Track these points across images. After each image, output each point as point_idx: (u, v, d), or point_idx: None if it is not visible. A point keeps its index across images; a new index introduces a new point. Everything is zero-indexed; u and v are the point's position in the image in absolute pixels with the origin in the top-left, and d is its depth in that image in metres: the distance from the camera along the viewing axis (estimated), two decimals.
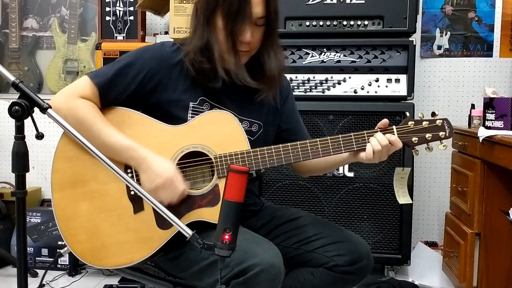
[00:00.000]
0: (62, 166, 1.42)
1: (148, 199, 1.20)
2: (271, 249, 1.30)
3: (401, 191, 1.57)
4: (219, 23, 1.38)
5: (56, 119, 1.17)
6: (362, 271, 1.46)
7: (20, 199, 1.18)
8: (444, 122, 1.41)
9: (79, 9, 3.16)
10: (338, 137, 1.41)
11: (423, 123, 1.41)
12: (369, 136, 1.40)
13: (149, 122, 1.43)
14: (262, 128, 1.53)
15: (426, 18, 2.92)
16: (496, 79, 2.89)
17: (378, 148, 1.37)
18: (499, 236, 2.23)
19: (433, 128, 1.41)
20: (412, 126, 1.41)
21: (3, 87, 3.27)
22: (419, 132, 1.41)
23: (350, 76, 2.48)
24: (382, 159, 1.40)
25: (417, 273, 2.67)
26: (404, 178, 1.58)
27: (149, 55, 1.44)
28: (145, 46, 1.49)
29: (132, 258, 1.38)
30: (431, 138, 1.41)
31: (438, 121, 1.41)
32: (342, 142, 1.40)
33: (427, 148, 1.44)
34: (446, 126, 1.41)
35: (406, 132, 1.41)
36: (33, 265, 2.83)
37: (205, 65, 1.41)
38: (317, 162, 1.55)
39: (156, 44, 1.49)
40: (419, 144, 1.42)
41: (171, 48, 1.46)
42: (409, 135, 1.41)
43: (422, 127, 1.41)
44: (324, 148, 1.40)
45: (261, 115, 1.54)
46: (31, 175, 3.21)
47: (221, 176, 1.38)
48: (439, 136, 1.41)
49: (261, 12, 1.37)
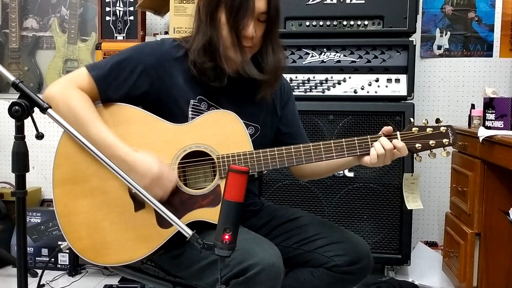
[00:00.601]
0: (63, 162, 1.42)
1: (148, 199, 1.20)
2: (271, 249, 1.30)
3: (411, 196, 1.57)
4: (222, 19, 1.38)
5: (56, 119, 1.17)
6: (362, 271, 1.46)
7: (20, 199, 1.18)
8: (448, 129, 1.42)
9: (79, 9, 3.16)
10: (341, 141, 1.41)
11: (427, 130, 1.42)
12: (372, 141, 1.40)
13: (152, 120, 1.43)
14: (259, 130, 1.53)
15: (426, 18, 2.92)
16: (496, 79, 2.89)
17: (382, 152, 1.37)
18: (499, 236, 2.23)
19: (437, 135, 1.41)
20: (416, 132, 1.41)
21: (3, 87, 3.27)
22: (423, 138, 1.41)
23: (350, 76, 2.48)
24: (386, 163, 1.40)
25: (417, 273, 2.67)
26: (414, 183, 1.58)
27: (148, 51, 1.44)
28: (145, 42, 1.49)
29: (132, 256, 1.38)
30: (434, 144, 1.41)
31: (442, 128, 1.42)
32: (346, 146, 1.40)
33: (430, 155, 1.44)
34: (450, 133, 1.42)
35: (410, 138, 1.41)
36: (33, 265, 2.83)
37: (207, 64, 1.41)
38: (319, 165, 1.55)
39: (156, 41, 1.49)
40: (423, 151, 1.42)
41: (170, 44, 1.46)
42: (413, 141, 1.41)
43: (426, 133, 1.41)
44: (327, 152, 1.40)
45: (258, 117, 1.53)
46: (31, 175, 3.21)
47: (223, 176, 1.38)
48: (443, 143, 1.41)
49: (264, 7, 1.38)
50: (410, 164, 2.39)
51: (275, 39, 1.47)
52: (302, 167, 1.58)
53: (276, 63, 1.46)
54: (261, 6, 1.37)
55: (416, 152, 1.42)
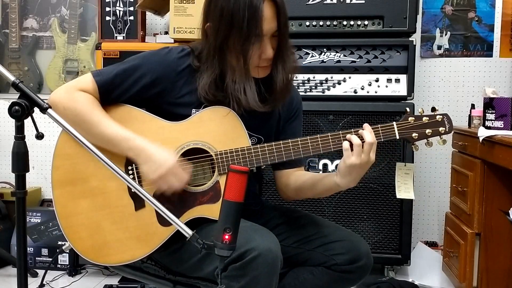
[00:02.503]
0: (62, 163, 1.42)
1: (148, 199, 1.20)
2: (268, 235, 1.31)
3: (403, 186, 1.57)
4: (234, 48, 1.35)
5: (56, 119, 1.17)
6: (362, 270, 1.46)
7: (20, 199, 1.18)
8: (444, 118, 1.41)
9: (79, 9, 3.16)
10: (338, 133, 1.39)
11: (423, 119, 1.41)
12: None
13: (149, 118, 1.43)
14: (263, 141, 1.51)
15: (426, 18, 2.92)
16: (496, 79, 2.89)
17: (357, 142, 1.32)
18: (499, 236, 2.23)
19: (433, 123, 1.41)
20: (412, 122, 1.41)
21: (3, 87, 3.27)
22: (419, 127, 1.41)
23: (350, 76, 2.48)
24: (369, 160, 1.33)
25: (417, 273, 2.67)
26: (408, 174, 1.57)
27: (155, 60, 1.44)
28: (152, 50, 1.47)
29: (133, 255, 1.39)
30: (431, 133, 1.41)
31: (438, 117, 1.41)
32: (342, 137, 1.38)
33: (427, 144, 1.43)
34: (446, 122, 1.41)
35: (406, 128, 1.41)
36: (33, 265, 2.83)
37: (219, 96, 1.40)
38: (303, 185, 1.51)
39: (164, 49, 1.47)
40: (419, 140, 1.42)
41: (178, 54, 1.45)
42: (409, 131, 1.40)
43: (422, 122, 1.41)
44: (325, 144, 1.39)
45: (263, 128, 1.52)
46: (31, 175, 3.21)
47: (222, 173, 1.39)
48: (439, 132, 1.41)
49: (275, 27, 1.36)
50: (410, 162, 2.39)
51: (286, 50, 1.43)
52: (286, 188, 1.56)
53: (287, 79, 1.44)
54: (273, 26, 1.35)
55: (412, 141, 1.41)
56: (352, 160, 1.32)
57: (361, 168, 1.33)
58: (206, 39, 1.42)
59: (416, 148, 1.44)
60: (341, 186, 1.38)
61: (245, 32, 1.31)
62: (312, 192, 1.50)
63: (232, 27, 1.32)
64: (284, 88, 1.44)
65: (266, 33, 1.34)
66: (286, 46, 1.43)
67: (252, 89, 1.39)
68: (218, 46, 1.37)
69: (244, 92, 1.37)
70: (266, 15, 1.32)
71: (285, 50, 1.43)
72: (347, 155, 1.33)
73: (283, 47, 1.42)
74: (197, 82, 1.42)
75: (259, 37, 1.33)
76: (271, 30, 1.35)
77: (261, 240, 1.26)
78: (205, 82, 1.40)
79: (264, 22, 1.32)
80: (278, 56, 1.41)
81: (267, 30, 1.34)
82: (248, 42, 1.32)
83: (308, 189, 1.50)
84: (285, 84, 1.44)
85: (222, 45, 1.37)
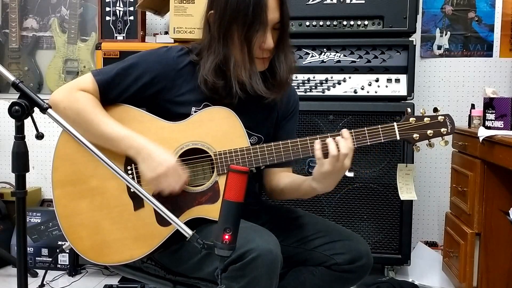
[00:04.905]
0: (62, 164, 1.42)
1: (147, 199, 1.20)
2: (268, 236, 1.31)
3: (405, 187, 1.56)
4: (237, 36, 1.37)
5: (56, 119, 1.17)
6: (362, 269, 1.46)
7: (20, 199, 1.18)
8: (446, 118, 1.40)
9: (79, 9, 3.16)
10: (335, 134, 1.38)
11: (425, 119, 1.40)
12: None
13: (148, 118, 1.43)
14: (262, 141, 1.52)
15: (426, 18, 2.92)
16: (496, 79, 2.89)
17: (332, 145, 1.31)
18: (499, 236, 2.23)
19: (435, 124, 1.39)
20: (414, 122, 1.39)
21: (3, 87, 3.27)
22: (421, 128, 1.39)
23: (350, 76, 2.48)
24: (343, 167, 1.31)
25: (417, 273, 2.67)
26: (409, 174, 1.57)
27: (154, 59, 1.44)
28: (151, 49, 1.48)
29: (133, 255, 1.39)
30: (432, 134, 1.39)
31: (440, 117, 1.40)
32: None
33: (428, 145, 1.42)
34: (448, 122, 1.40)
35: (407, 128, 1.39)
36: (33, 265, 2.83)
37: (219, 83, 1.40)
38: (286, 187, 1.52)
39: (163, 48, 1.49)
40: (421, 141, 1.40)
41: (177, 53, 1.46)
42: (410, 132, 1.39)
43: (423, 123, 1.40)
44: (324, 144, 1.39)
45: (263, 128, 1.53)
46: (31, 175, 3.21)
47: (221, 173, 1.39)
48: (441, 133, 1.39)
49: (278, 17, 1.38)
50: (411, 162, 2.39)
51: (287, 44, 1.46)
52: (272, 188, 1.57)
53: (289, 70, 1.46)
54: (276, 16, 1.37)
55: (413, 142, 1.40)
56: (326, 168, 1.32)
57: (336, 174, 1.34)
58: (208, 28, 1.44)
59: (417, 149, 1.42)
60: (318, 191, 1.39)
61: (250, 19, 1.33)
62: (294, 194, 1.52)
63: (238, 14, 1.34)
64: (286, 77, 1.46)
65: (269, 22, 1.36)
66: (287, 38, 1.45)
67: (257, 75, 1.40)
68: (222, 32, 1.38)
69: (250, 76, 1.38)
70: (270, 4, 1.35)
71: (286, 42, 1.45)
72: (320, 164, 1.33)
73: (284, 39, 1.44)
74: (198, 74, 1.42)
75: (264, 25, 1.35)
76: (274, 19, 1.37)
77: (261, 240, 1.26)
78: (208, 67, 1.40)
79: (268, 11, 1.34)
80: (279, 47, 1.43)
81: (271, 19, 1.36)
82: (253, 29, 1.34)
83: (289, 192, 1.53)
84: (287, 72, 1.45)
85: (226, 32, 1.38)
